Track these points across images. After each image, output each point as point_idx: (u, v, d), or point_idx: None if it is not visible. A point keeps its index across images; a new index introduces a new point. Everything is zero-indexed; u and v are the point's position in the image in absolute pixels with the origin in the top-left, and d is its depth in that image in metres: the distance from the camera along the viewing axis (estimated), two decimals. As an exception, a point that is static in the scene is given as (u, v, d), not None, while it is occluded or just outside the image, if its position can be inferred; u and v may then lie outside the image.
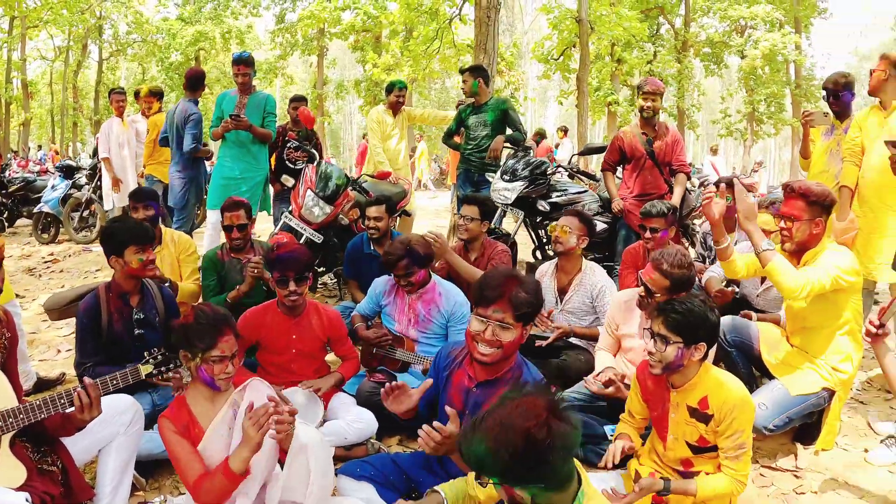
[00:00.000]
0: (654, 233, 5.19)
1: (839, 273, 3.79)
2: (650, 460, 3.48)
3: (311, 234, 6.63)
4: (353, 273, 6.04)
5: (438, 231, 5.34)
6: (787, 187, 4.06)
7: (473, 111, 7.82)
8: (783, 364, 4.20)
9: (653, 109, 6.49)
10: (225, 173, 7.22)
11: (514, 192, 7.04)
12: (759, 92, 33.44)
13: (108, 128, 9.75)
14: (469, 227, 5.37)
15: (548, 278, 5.12)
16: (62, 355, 6.00)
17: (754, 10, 31.43)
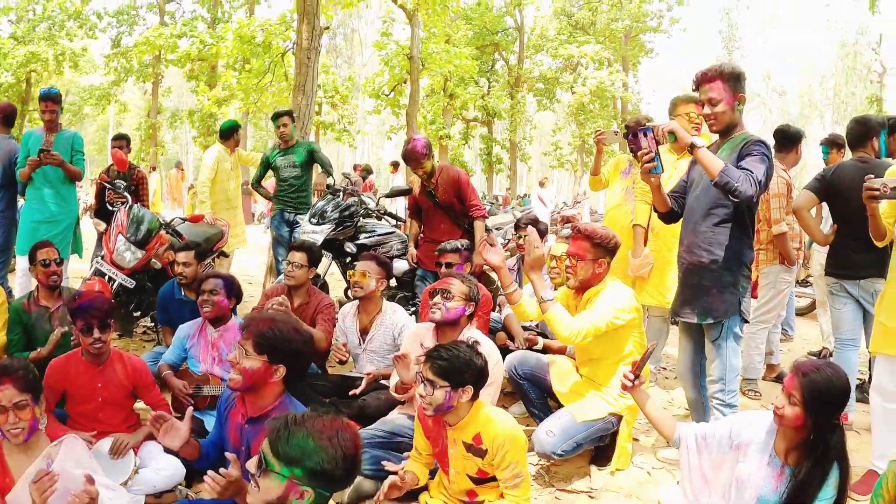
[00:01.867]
0: (449, 267, 5.46)
1: (614, 314, 4.11)
2: (439, 493, 3.69)
3: (122, 280, 6.50)
4: (165, 319, 5.97)
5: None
6: (574, 229, 4.39)
7: (281, 153, 8.08)
8: (571, 393, 4.50)
9: (424, 171, 6.44)
10: (34, 217, 6.88)
11: (322, 234, 7.16)
12: (589, 126, 34.88)
13: None
14: (296, 275, 5.42)
15: (350, 318, 5.28)
16: None
17: (584, 49, 32.89)
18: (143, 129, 35.02)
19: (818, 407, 3.00)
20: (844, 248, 5.39)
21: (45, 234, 6.61)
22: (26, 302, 5.18)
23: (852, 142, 5.58)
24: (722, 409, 4.20)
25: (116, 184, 7.57)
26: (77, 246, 7.35)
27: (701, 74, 4.09)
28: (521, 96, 35.52)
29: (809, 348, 8.26)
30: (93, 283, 6.36)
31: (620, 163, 6.64)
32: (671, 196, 4.45)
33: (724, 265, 4.12)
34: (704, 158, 3.83)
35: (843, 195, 5.33)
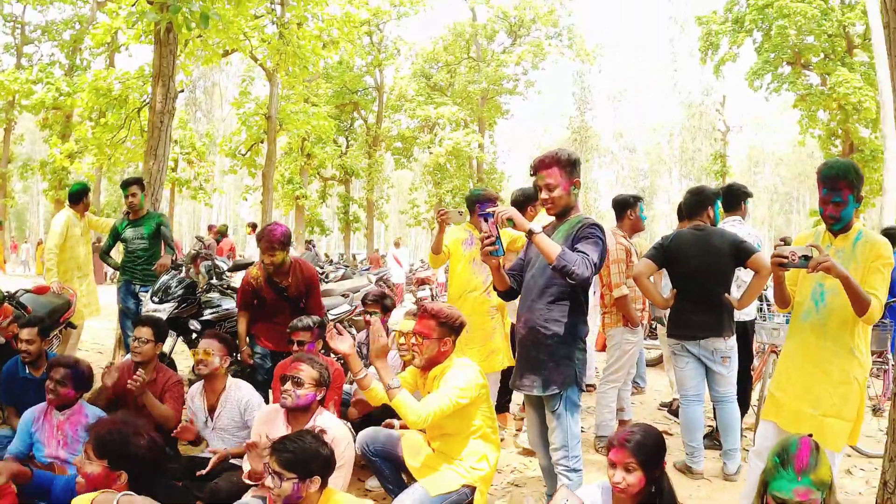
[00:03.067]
0: (301, 346, 5.43)
1: (459, 395, 4.20)
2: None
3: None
4: (9, 399, 5.67)
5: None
6: (421, 308, 4.50)
7: (131, 224, 7.95)
8: (424, 467, 4.53)
9: (273, 262, 6.22)
10: None
11: (165, 312, 7.01)
12: (445, 185, 35.47)
13: None
14: (142, 350, 5.28)
15: (197, 398, 5.21)
16: None
17: (441, 110, 33.55)
18: (-10, 178, 33.58)
19: (653, 461, 3.23)
20: (683, 310, 5.69)
21: None
22: None
23: (689, 211, 5.95)
24: (567, 475, 4.32)
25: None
26: None
27: (538, 161, 4.31)
28: (378, 155, 35.99)
29: (661, 399, 8.58)
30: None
31: (459, 233, 6.64)
32: (509, 274, 4.60)
33: (560, 339, 4.28)
34: (542, 243, 4.02)
35: (681, 261, 5.67)
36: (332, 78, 31.81)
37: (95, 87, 16.83)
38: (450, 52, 37.09)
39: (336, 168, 33.61)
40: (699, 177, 54.88)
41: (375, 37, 35.47)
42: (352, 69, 33.79)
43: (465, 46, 37.29)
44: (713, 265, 5.56)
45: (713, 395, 5.85)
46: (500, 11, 35.26)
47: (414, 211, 38.32)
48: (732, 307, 5.56)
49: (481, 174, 35.84)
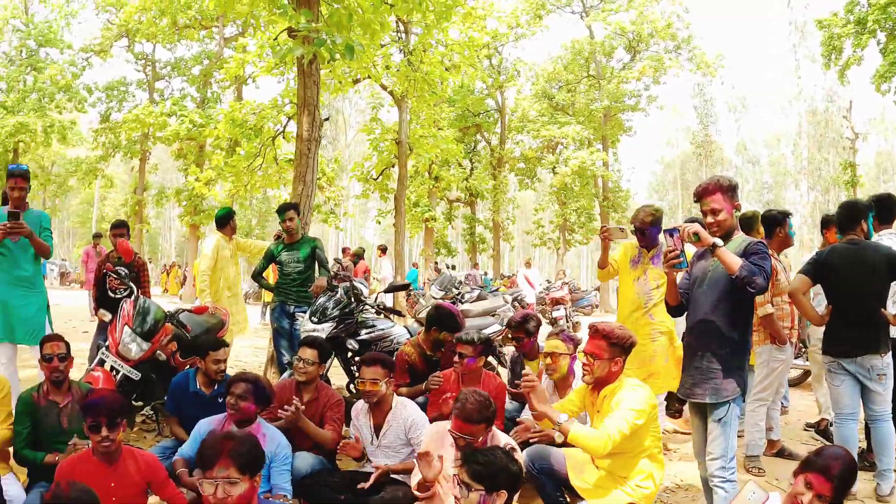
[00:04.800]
0: (462, 358, 5.60)
1: (635, 416, 4.26)
2: None
3: (127, 371, 6.48)
4: (176, 410, 5.88)
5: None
6: (592, 328, 4.56)
7: (286, 248, 8.23)
8: (593, 487, 4.58)
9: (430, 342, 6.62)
10: (2, 299, 6.45)
11: (324, 332, 7.16)
12: (570, 204, 35.25)
13: None
14: (308, 371, 5.46)
15: (363, 416, 5.33)
16: None
17: (565, 130, 33.38)
18: (129, 205, 35.18)
19: (845, 491, 3.29)
20: (839, 327, 5.64)
21: (16, 318, 6.50)
22: (35, 394, 5.04)
23: (842, 225, 5.83)
24: (723, 486, 4.38)
25: (120, 272, 7.57)
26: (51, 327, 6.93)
27: (702, 189, 4.51)
28: (503, 176, 35.96)
29: (805, 419, 8.41)
30: (96, 373, 6.31)
31: (629, 251, 6.82)
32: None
33: (731, 351, 4.43)
34: (725, 256, 4.24)
35: (835, 277, 5.58)
36: (455, 102, 32.01)
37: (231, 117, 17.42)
38: (570, 70, 36.76)
39: (461, 190, 33.79)
40: (826, 187, 53.04)
41: (495, 59, 35.51)
42: (472, 92, 33.89)
43: (585, 64, 36.90)
44: (868, 280, 5.49)
45: (868, 413, 5.76)
46: (618, 27, 34.77)
47: (539, 231, 38.15)
48: (888, 323, 5.45)
49: (607, 192, 35.39)
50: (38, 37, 35.44)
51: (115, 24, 33.55)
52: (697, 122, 57.64)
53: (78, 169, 36.58)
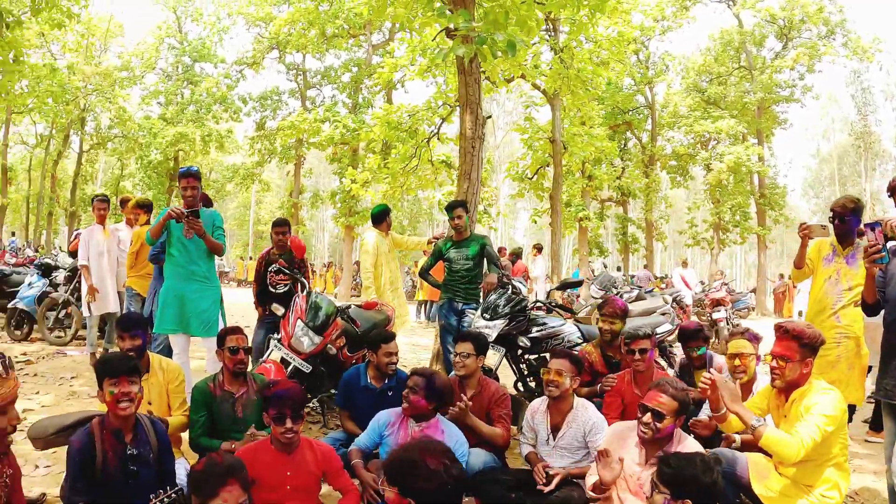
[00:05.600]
0: (643, 353, 5.43)
1: (826, 422, 3.98)
2: None
3: (299, 364, 6.62)
4: (346, 404, 5.93)
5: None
6: (780, 329, 4.27)
7: (454, 245, 8.18)
8: (778, 495, 4.30)
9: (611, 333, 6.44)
10: (178, 292, 6.77)
11: (496, 330, 7.18)
12: (725, 202, 34.09)
13: (88, 235, 9.56)
14: (466, 364, 5.42)
15: (540, 415, 5.19)
16: (40, 471, 5.69)
17: (718, 124, 32.39)
18: (286, 207, 36.41)
19: None
20: None
21: (191, 311, 6.75)
22: (211, 384, 5.19)
23: None
24: None
25: (294, 270, 7.77)
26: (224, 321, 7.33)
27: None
28: (654, 174, 35.17)
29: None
30: (268, 365, 6.46)
31: (823, 248, 6.47)
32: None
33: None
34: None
35: None
36: (604, 99, 31.45)
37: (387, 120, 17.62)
38: (720, 62, 35.77)
39: (613, 189, 33.31)
40: None
41: (642, 54, 34.92)
42: (621, 89, 33.28)
43: (735, 55, 35.79)
44: None
45: None
46: (768, 14, 33.48)
47: (692, 231, 37.05)
48: None
49: (763, 189, 34.06)
50: (193, 53, 37.48)
51: (266, 37, 34.93)
52: (855, 112, 54.90)
53: (235, 175, 38.24)
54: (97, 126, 42.44)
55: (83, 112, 39.54)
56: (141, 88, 40.34)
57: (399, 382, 5.66)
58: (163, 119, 36.12)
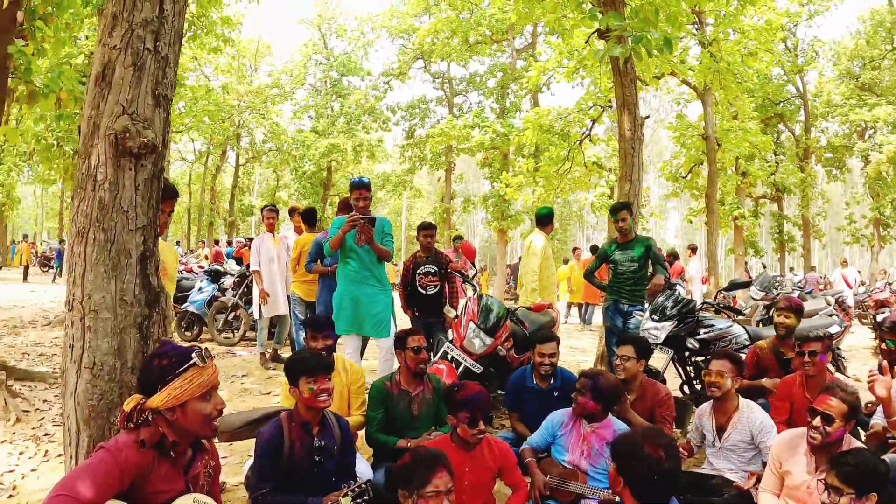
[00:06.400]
0: (813, 356, 5.31)
1: None
2: None
3: (470, 365, 6.72)
4: (514, 405, 6.02)
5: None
6: None
7: (619, 247, 8.13)
8: None
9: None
10: (352, 296, 7.07)
11: (664, 331, 7.16)
12: (886, 196, 32.38)
13: (259, 242, 9.96)
14: (627, 367, 5.45)
15: (706, 418, 5.18)
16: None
17: (875, 112, 30.92)
18: (438, 212, 36.95)
19: None
20: None
21: (374, 316, 7.03)
22: (388, 383, 5.35)
23: None
24: None
25: (467, 274, 7.89)
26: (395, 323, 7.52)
27: None
28: (810, 168, 33.79)
29: None
30: (440, 366, 6.62)
31: None
32: None
33: None
34: None
35: None
36: (754, 91, 30.49)
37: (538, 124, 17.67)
38: (872, 45, 34.04)
39: (767, 185, 32.25)
40: None
41: (790, 42, 33.54)
42: (770, 80, 32.14)
43: (887, 37, 33.96)
44: None
45: None
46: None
47: (851, 227, 35.33)
48: None
49: (929, 180, 32.19)
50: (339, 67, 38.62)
51: (410, 48, 35.59)
52: None
53: (387, 182, 39.12)
54: (252, 141, 44.48)
55: (238, 128, 41.54)
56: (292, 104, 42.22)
57: (565, 383, 5.75)
58: (314, 132, 37.42)
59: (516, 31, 31.72)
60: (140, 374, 3.10)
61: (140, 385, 3.04)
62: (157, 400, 2.91)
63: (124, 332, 3.52)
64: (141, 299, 3.57)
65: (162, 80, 3.64)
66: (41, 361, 10.63)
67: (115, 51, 3.55)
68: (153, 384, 2.95)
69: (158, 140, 3.60)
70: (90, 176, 3.49)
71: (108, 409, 3.49)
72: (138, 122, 3.49)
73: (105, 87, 3.54)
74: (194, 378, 2.97)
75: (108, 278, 3.47)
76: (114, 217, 3.47)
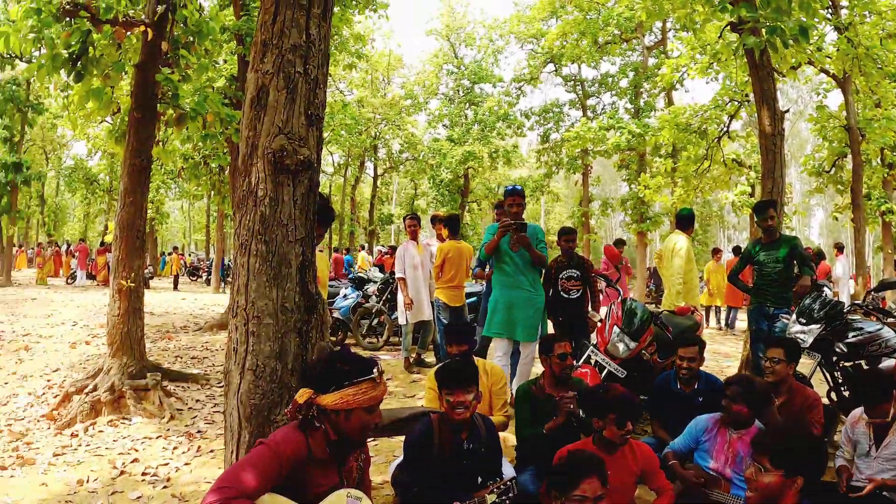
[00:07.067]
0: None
1: None
2: None
3: (614, 369, 6.73)
4: (656, 410, 5.99)
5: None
6: None
7: (764, 247, 7.91)
8: None
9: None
10: (506, 300, 7.33)
11: (812, 335, 6.93)
12: None
13: (403, 250, 10.21)
14: (776, 370, 5.36)
15: (862, 424, 4.96)
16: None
17: None
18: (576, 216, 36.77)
19: None
20: None
21: (525, 320, 7.21)
22: (534, 387, 5.44)
23: None
24: None
25: (607, 277, 7.93)
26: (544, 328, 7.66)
27: None
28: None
29: None
30: (584, 370, 6.63)
31: None
32: None
33: None
34: None
35: None
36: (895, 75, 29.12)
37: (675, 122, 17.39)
38: None
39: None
40: None
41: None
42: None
43: None
44: None
45: None
46: None
47: None
48: None
49: None
50: (471, 76, 38.99)
51: (539, 52, 35.53)
52: None
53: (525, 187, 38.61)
54: (388, 151, 45.41)
55: (375, 140, 42.55)
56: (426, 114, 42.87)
57: (709, 388, 5.69)
58: (450, 140, 37.82)
59: (645, 29, 31.24)
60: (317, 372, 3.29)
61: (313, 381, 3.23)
62: (328, 399, 3.10)
63: (285, 336, 3.74)
64: (300, 306, 3.79)
65: (313, 101, 3.86)
66: (193, 364, 11.25)
67: (268, 76, 3.80)
68: (328, 384, 3.14)
69: (313, 157, 3.83)
70: (251, 193, 3.74)
71: (268, 408, 3.73)
72: (294, 140, 3.72)
73: (260, 110, 3.79)
74: (368, 390, 3.16)
75: (269, 287, 3.70)
76: (274, 230, 3.70)
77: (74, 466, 6.75)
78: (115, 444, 7.42)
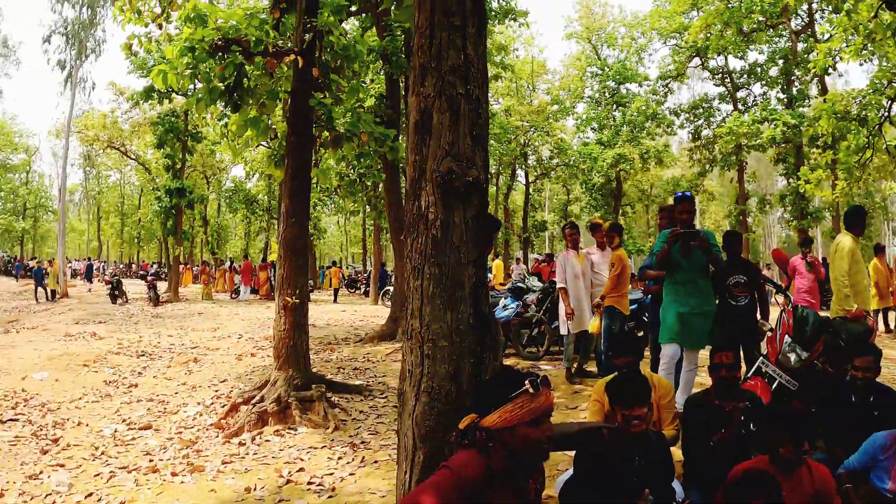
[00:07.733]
0: None
1: None
2: None
3: (785, 381, 6.48)
4: (825, 420, 5.62)
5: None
6: None
7: None
8: None
9: None
10: (679, 308, 7.29)
11: None
12: None
13: (564, 260, 10.16)
14: None
15: None
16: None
17: None
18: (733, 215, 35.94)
19: None
20: None
21: (697, 327, 7.18)
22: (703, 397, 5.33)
23: None
24: None
25: (776, 283, 7.67)
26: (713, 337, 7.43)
27: None
28: None
29: None
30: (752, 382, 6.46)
31: None
32: None
33: None
34: None
35: None
36: None
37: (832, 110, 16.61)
38: None
39: None
40: None
41: None
42: None
43: None
44: None
45: None
46: None
47: None
48: None
49: None
50: (616, 76, 38.78)
51: (684, 46, 34.87)
52: None
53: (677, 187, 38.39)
54: (538, 158, 45.55)
55: (524, 147, 42.64)
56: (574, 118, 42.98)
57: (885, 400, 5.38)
58: (599, 143, 37.66)
59: (791, 12, 30.24)
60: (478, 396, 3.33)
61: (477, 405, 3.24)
62: (489, 420, 3.10)
63: (460, 358, 3.76)
64: (475, 327, 3.82)
65: (477, 121, 3.87)
66: (355, 375, 11.58)
67: (430, 99, 3.82)
68: (489, 405, 3.14)
69: (481, 177, 3.83)
70: (421, 216, 3.78)
71: (443, 430, 3.73)
72: (461, 162, 3.74)
73: (425, 134, 3.82)
74: (525, 404, 3.13)
75: (444, 310, 3.73)
76: (446, 253, 3.73)
77: (242, 474, 7.06)
78: (281, 454, 7.73)
